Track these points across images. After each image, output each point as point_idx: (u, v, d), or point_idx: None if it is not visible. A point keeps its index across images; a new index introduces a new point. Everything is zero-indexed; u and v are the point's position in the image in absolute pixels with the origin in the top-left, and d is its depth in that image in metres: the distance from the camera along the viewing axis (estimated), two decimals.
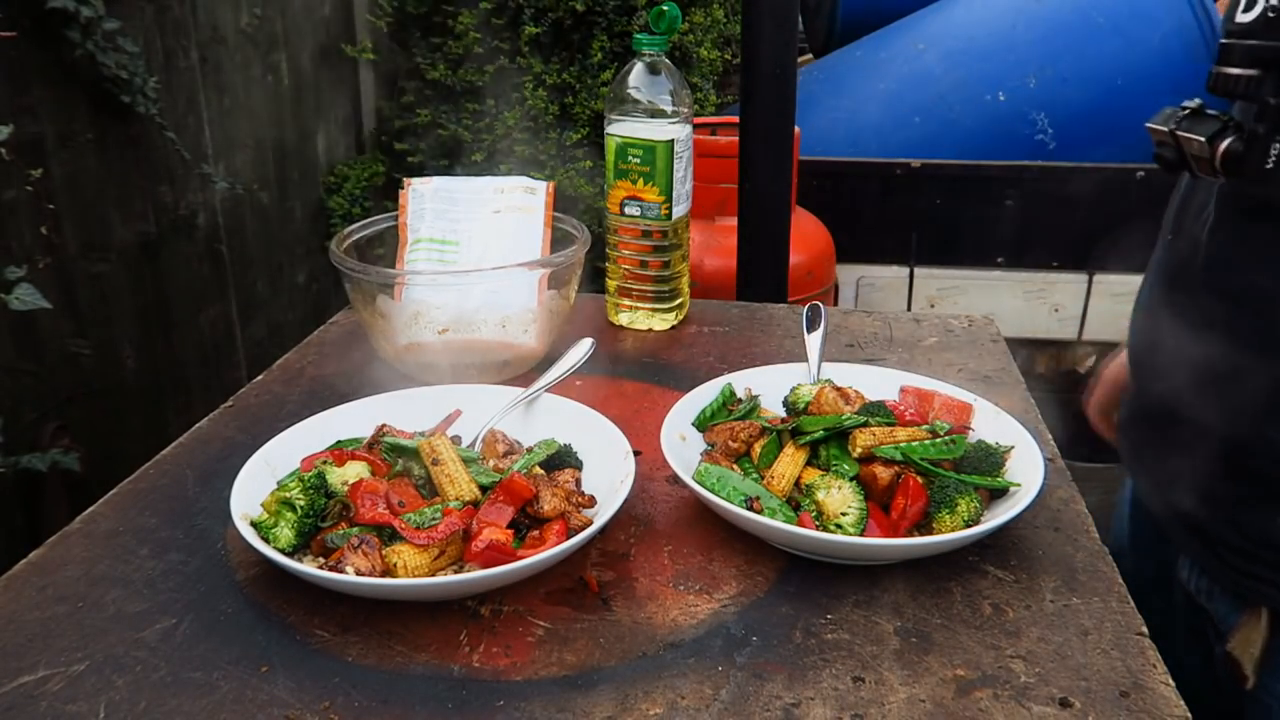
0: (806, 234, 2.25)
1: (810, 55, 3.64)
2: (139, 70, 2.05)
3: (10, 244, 1.83)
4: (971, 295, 2.57)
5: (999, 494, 0.83)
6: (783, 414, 0.94)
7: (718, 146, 2.09)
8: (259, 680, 0.67)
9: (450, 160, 3.18)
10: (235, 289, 2.61)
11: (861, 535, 0.77)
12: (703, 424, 0.94)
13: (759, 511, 0.79)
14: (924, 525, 0.80)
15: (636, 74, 1.15)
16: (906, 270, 2.59)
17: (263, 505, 0.78)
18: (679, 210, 1.19)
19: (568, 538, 0.74)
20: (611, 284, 1.25)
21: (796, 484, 0.84)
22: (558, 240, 1.16)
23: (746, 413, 0.94)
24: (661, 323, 1.24)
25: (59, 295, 1.93)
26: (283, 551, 0.74)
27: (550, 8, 3.01)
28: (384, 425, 0.89)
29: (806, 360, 1.02)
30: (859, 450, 0.83)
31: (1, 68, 1.79)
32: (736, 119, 1.62)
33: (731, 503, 0.78)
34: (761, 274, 1.68)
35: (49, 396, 1.95)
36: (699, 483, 0.81)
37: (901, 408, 0.93)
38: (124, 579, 0.77)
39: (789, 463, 0.85)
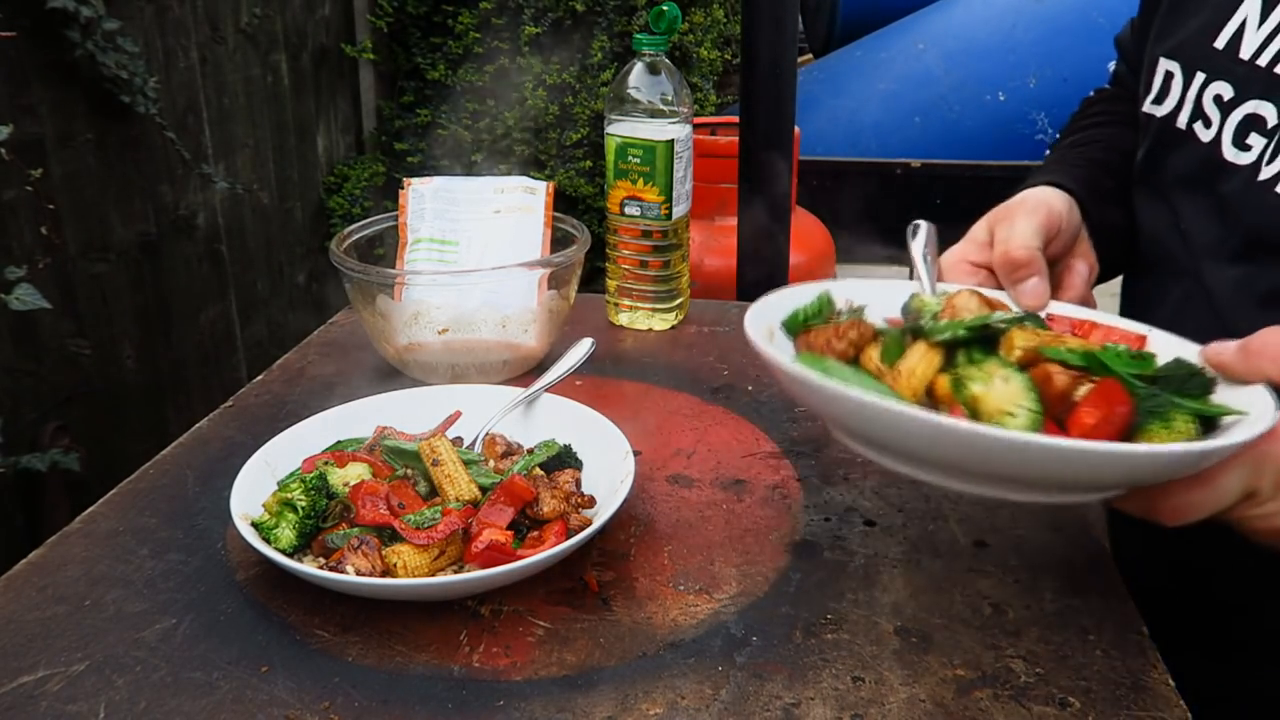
0: (806, 234, 2.26)
1: (810, 55, 3.64)
2: (139, 70, 2.05)
3: (10, 244, 1.83)
4: None
5: (1207, 427, 0.62)
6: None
7: (718, 146, 2.10)
8: (259, 680, 0.67)
9: (450, 160, 3.18)
10: (235, 289, 2.61)
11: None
12: (794, 326, 0.74)
13: None
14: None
15: (636, 74, 1.15)
16: (906, 270, 2.59)
17: (264, 506, 0.79)
18: (679, 210, 1.19)
19: (567, 538, 0.74)
20: (611, 284, 1.25)
21: (929, 392, 0.65)
22: (558, 240, 1.16)
23: (846, 316, 0.74)
24: (661, 323, 1.24)
25: (59, 295, 1.93)
26: (284, 552, 0.74)
27: (550, 8, 3.01)
28: (384, 427, 0.89)
29: (911, 278, 0.81)
30: (1018, 353, 0.64)
31: (1, 68, 1.79)
32: (736, 119, 1.62)
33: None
34: (761, 274, 1.68)
35: (49, 396, 1.95)
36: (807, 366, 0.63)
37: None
38: (124, 579, 0.77)
39: (920, 360, 0.66)
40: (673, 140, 1.14)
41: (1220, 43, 0.78)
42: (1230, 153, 0.77)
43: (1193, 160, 0.81)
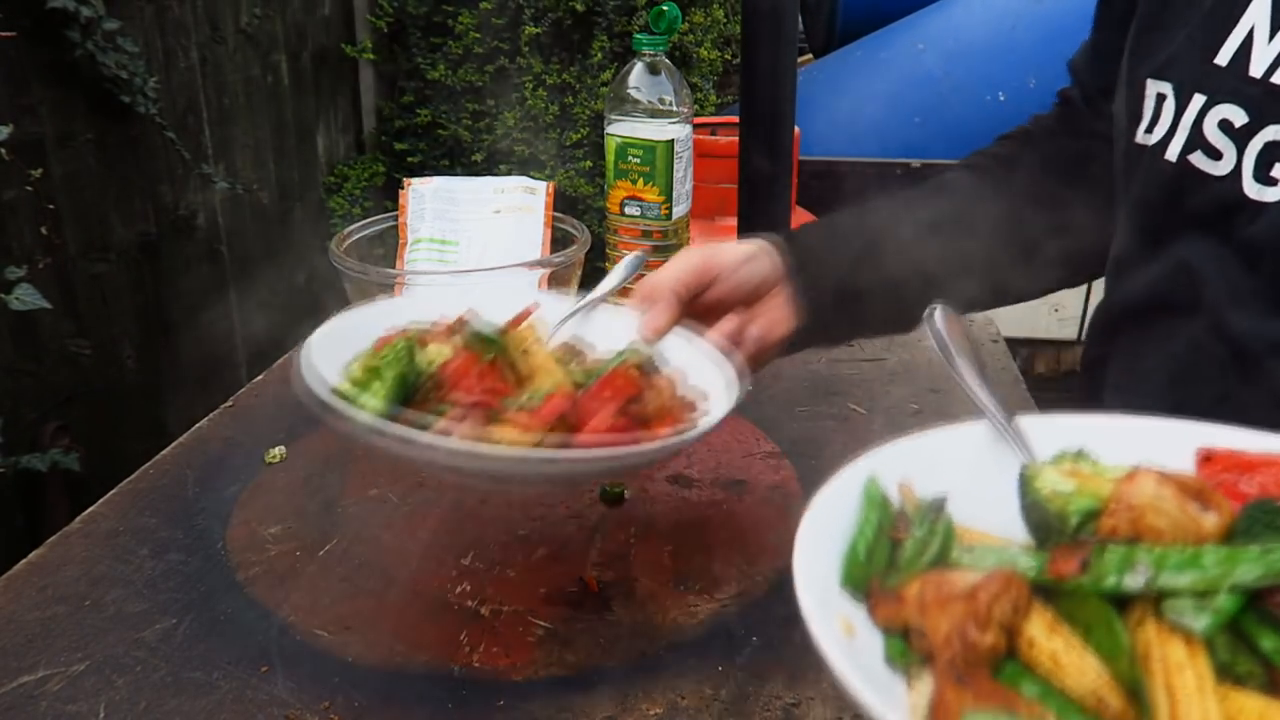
0: None
1: (810, 55, 3.64)
2: (139, 70, 2.05)
3: (10, 244, 1.83)
4: None
5: None
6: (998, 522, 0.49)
7: (718, 146, 2.09)
8: (259, 680, 0.67)
9: (450, 160, 3.18)
10: (235, 289, 2.61)
11: None
12: (858, 577, 0.46)
13: None
14: None
15: (636, 74, 1.15)
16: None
17: (348, 376, 0.68)
18: (679, 210, 1.19)
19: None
20: None
21: None
22: (558, 240, 1.16)
23: (940, 546, 0.46)
24: None
25: (59, 295, 1.93)
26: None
27: (550, 8, 3.01)
28: (464, 313, 0.76)
29: (974, 401, 0.58)
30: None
31: (1, 68, 1.79)
32: (736, 119, 1.62)
33: None
34: None
35: (49, 396, 1.95)
36: None
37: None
38: (124, 579, 0.77)
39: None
40: (673, 140, 1.15)
41: (1222, 59, 0.68)
42: (1254, 189, 0.66)
43: (1204, 198, 0.70)
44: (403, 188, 1.19)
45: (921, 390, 1.07)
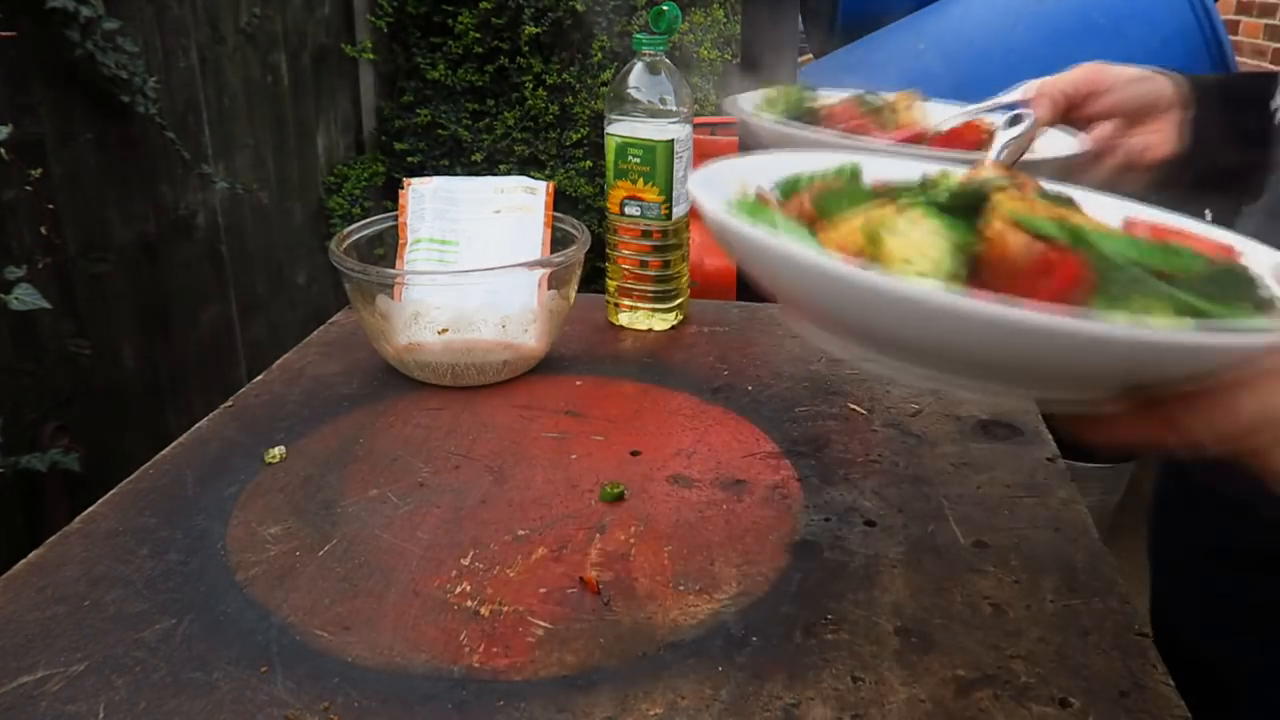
0: None
1: (810, 55, 3.64)
2: (139, 70, 2.05)
3: (10, 244, 1.83)
4: None
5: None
6: None
7: (718, 146, 2.09)
8: (259, 680, 0.67)
9: (450, 160, 3.18)
10: (235, 289, 2.61)
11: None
12: (787, 191, 0.61)
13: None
14: None
15: (636, 74, 1.15)
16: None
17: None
18: (679, 210, 1.19)
19: None
20: (611, 284, 1.25)
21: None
22: (558, 240, 1.16)
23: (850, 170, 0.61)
24: (661, 323, 1.24)
25: (59, 295, 1.93)
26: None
27: (550, 8, 3.01)
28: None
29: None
30: (997, 224, 0.48)
31: (1, 68, 1.79)
32: (736, 119, 1.62)
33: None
34: None
35: (49, 396, 1.95)
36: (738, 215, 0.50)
37: None
38: (124, 579, 0.77)
39: (864, 216, 0.51)
40: (673, 140, 1.15)
41: None
42: None
43: None
44: (403, 188, 1.19)
45: (921, 390, 1.08)
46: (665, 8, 1.13)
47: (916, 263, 0.46)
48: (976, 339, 0.41)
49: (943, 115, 0.91)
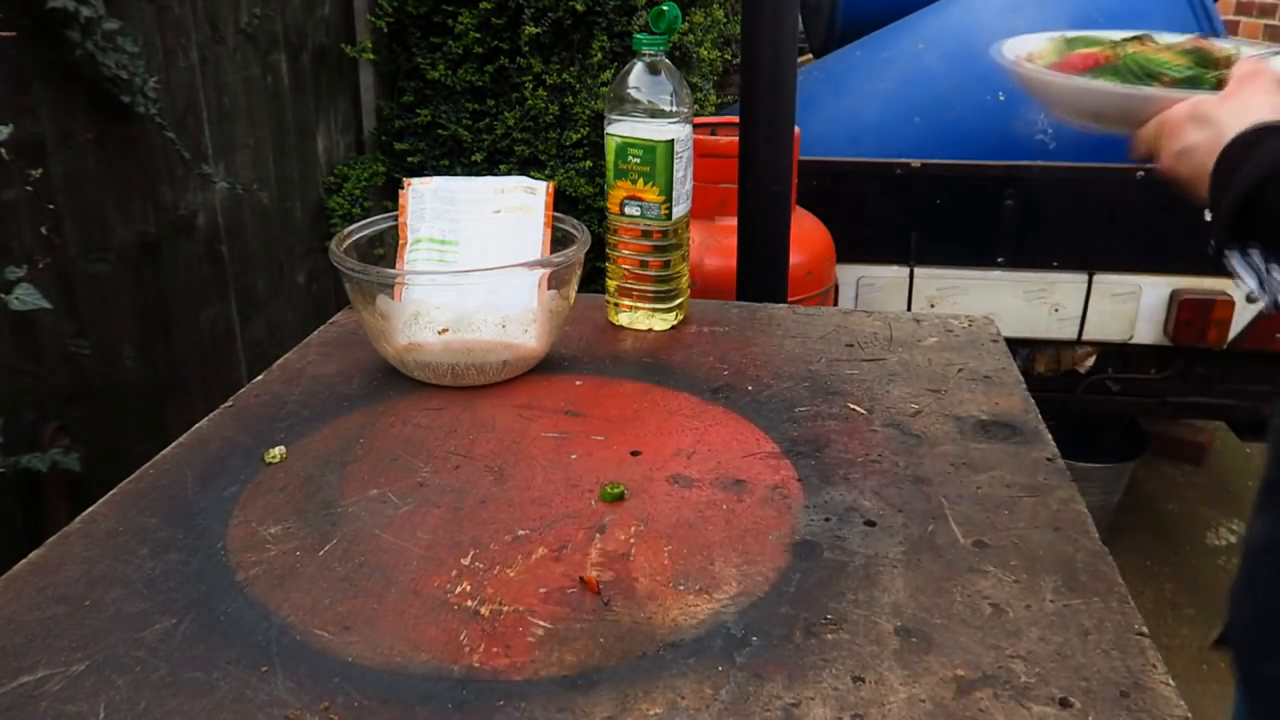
0: (806, 234, 2.25)
1: (810, 55, 3.63)
2: (139, 70, 2.05)
3: (10, 244, 1.83)
4: (971, 295, 2.57)
5: None
6: None
7: (718, 146, 2.09)
8: (259, 680, 0.67)
9: (450, 160, 3.18)
10: (235, 289, 2.61)
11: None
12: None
13: None
14: None
15: (636, 74, 1.15)
16: (906, 270, 2.59)
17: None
18: (679, 210, 1.19)
19: None
20: (611, 284, 1.25)
21: None
22: (558, 240, 1.16)
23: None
24: (661, 323, 1.24)
25: (59, 295, 1.93)
26: None
27: (550, 8, 3.01)
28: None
29: None
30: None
31: (1, 68, 1.79)
32: (736, 119, 1.62)
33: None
34: (761, 274, 1.67)
35: (49, 396, 1.95)
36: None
37: None
38: (124, 579, 0.77)
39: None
40: (673, 140, 1.14)
41: None
42: None
43: None
44: (403, 188, 1.19)
45: (921, 390, 1.08)
46: (665, 8, 1.13)
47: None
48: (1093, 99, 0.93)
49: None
